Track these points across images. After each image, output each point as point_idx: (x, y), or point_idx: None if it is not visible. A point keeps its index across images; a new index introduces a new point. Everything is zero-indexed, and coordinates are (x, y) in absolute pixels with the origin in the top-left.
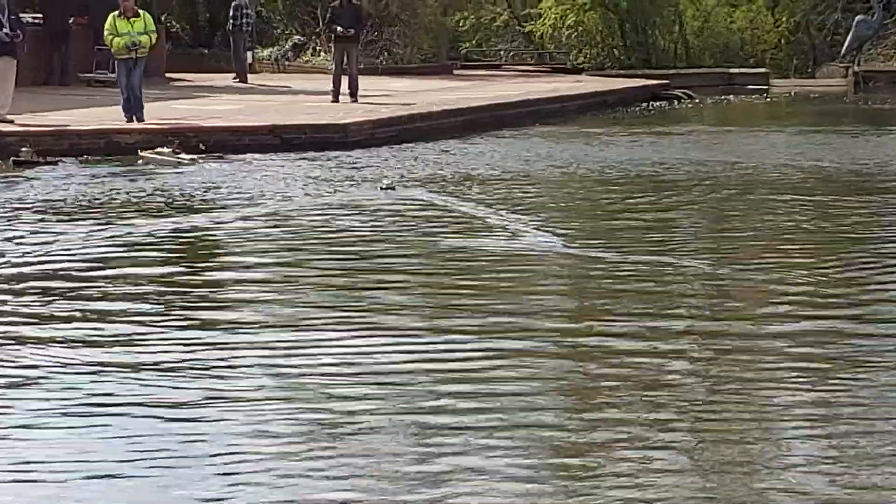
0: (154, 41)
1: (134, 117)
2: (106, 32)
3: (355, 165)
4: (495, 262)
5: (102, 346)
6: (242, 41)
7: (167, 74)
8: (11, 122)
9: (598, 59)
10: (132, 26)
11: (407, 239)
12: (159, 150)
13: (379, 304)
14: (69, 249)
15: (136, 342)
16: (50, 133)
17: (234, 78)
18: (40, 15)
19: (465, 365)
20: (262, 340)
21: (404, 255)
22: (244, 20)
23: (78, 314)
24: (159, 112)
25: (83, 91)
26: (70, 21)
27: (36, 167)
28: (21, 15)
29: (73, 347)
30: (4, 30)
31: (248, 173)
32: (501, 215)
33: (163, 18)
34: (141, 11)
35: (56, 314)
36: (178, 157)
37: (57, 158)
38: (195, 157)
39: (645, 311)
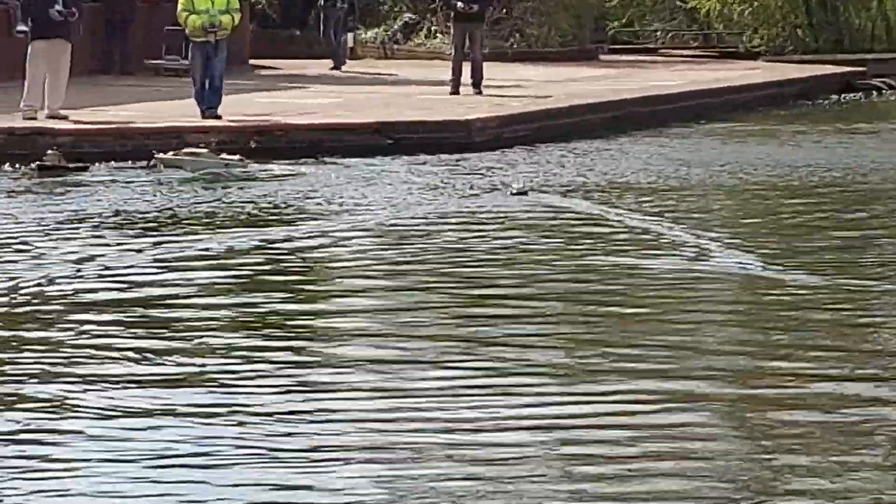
0: (237, 21)
1: (205, 112)
2: (180, 9)
3: (479, 170)
4: (669, 286)
5: (199, 386)
6: (336, 20)
7: (251, 61)
8: (66, 118)
9: (777, 42)
10: (212, 3)
11: (549, 257)
12: (192, 150)
13: (516, 336)
14: (150, 270)
15: (232, 385)
16: (110, 132)
17: (332, 66)
18: None
19: (626, 408)
20: (368, 384)
21: (546, 277)
22: None
23: (170, 347)
24: (241, 106)
25: (150, 81)
26: None
27: (64, 173)
28: None
29: (167, 387)
30: (57, 6)
31: (349, 180)
32: (669, 228)
33: None
34: None
35: (147, 347)
36: (226, 159)
37: (84, 164)
38: (244, 158)
39: (849, 347)
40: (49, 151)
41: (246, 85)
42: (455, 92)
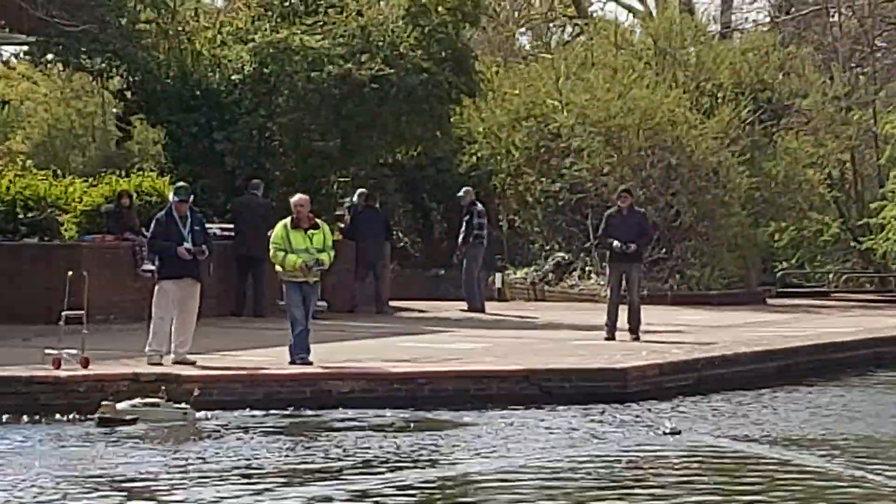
0: (331, 259)
1: (299, 359)
2: (273, 249)
3: (642, 420)
4: None
5: None
6: (477, 258)
7: (391, 303)
8: (193, 363)
9: None
10: (311, 241)
11: None
12: (147, 399)
13: None
14: None
15: None
16: (240, 378)
17: (466, 308)
18: (231, 224)
19: None
20: None
21: None
22: (481, 231)
23: None
24: (381, 351)
25: (282, 323)
26: (268, 233)
27: (122, 425)
28: (208, 225)
29: None
30: (186, 244)
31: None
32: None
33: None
34: (319, 222)
35: None
36: (182, 408)
37: (132, 416)
38: (188, 407)
39: None
40: (104, 402)
41: (387, 328)
42: (611, 337)
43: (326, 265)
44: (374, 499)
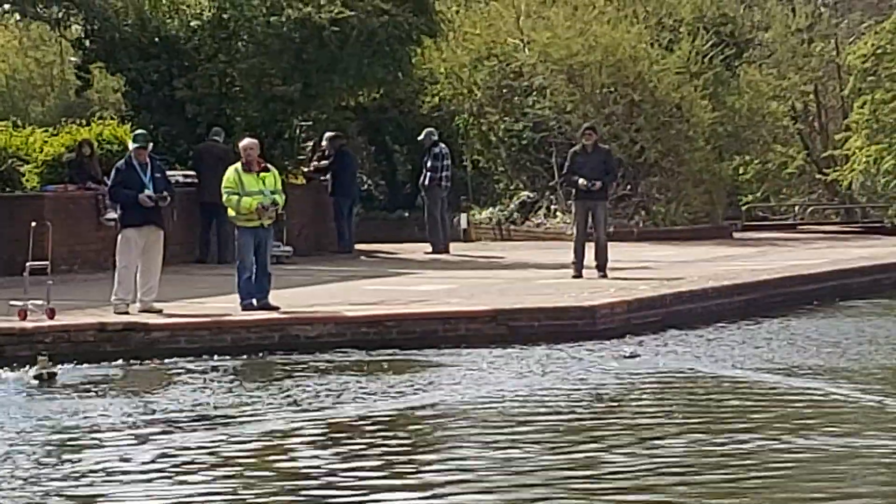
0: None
1: (255, 300)
2: (227, 192)
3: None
4: None
5: None
6: (441, 200)
7: (356, 246)
8: (159, 311)
9: None
10: (263, 183)
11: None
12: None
13: None
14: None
15: None
16: (206, 325)
17: (430, 251)
18: (193, 171)
19: None
20: None
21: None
22: (444, 173)
23: None
24: (347, 294)
25: None
26: None
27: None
28: (169, 172)
29: None
30: (147, 191)
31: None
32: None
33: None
34: (268, 165)
35: None
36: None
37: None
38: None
39: None
40: (39, 356)
41: (352, 271)
42: (578, 275)
43: (280, 206)
44: (344, 432)
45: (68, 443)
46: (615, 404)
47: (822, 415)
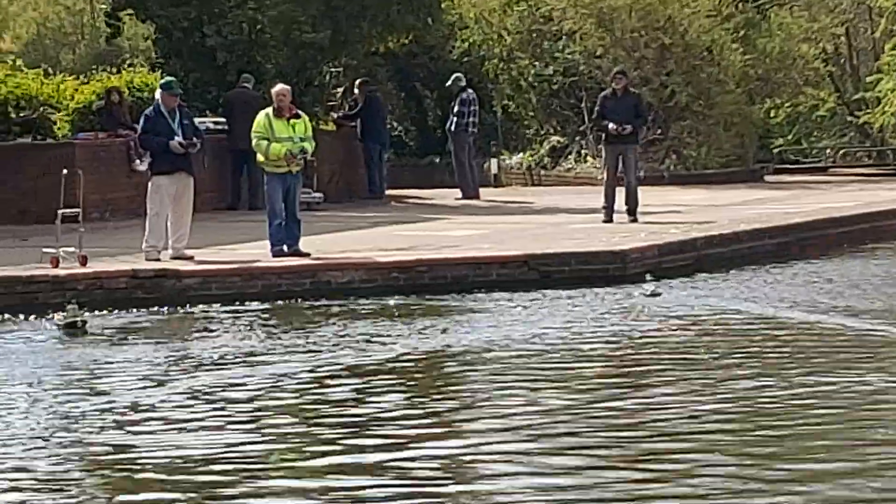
0: (313, 149)
1: (286, 247)
2: (256, 137)
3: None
4: None
5: None
6: (467, 146)
7: (387, 192)
8: (191, 258)
9: None
10: (293, 129)
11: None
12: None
13: None
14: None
15: None
16: (238, 272)
17: (460, 196)
18: (224, 118)
19: None
20: None
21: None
22: (471, 118)
23: None
24: (378, 241)
25: None
26: None
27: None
28: (199, 119)
29: None
30: (177, 138)
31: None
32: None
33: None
34: (300, 112)
35: None
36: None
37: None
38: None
39: None
40: (69, 305)
41: (383, 217)
42: (608, 220)
43: (309, 153)
44: (364, 376)
45: (98, 388)
46: (651, 345)
47: (863, 352)
